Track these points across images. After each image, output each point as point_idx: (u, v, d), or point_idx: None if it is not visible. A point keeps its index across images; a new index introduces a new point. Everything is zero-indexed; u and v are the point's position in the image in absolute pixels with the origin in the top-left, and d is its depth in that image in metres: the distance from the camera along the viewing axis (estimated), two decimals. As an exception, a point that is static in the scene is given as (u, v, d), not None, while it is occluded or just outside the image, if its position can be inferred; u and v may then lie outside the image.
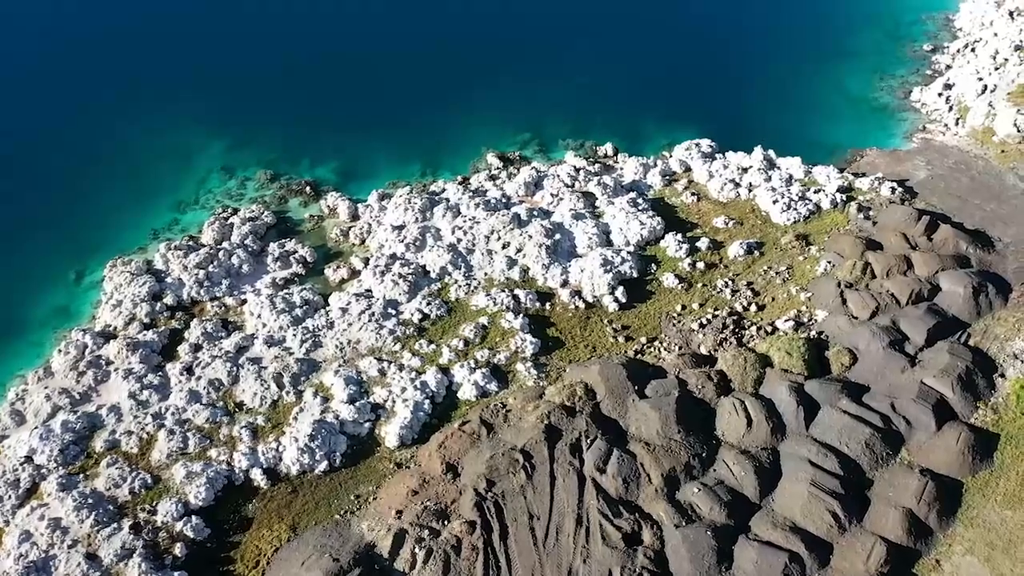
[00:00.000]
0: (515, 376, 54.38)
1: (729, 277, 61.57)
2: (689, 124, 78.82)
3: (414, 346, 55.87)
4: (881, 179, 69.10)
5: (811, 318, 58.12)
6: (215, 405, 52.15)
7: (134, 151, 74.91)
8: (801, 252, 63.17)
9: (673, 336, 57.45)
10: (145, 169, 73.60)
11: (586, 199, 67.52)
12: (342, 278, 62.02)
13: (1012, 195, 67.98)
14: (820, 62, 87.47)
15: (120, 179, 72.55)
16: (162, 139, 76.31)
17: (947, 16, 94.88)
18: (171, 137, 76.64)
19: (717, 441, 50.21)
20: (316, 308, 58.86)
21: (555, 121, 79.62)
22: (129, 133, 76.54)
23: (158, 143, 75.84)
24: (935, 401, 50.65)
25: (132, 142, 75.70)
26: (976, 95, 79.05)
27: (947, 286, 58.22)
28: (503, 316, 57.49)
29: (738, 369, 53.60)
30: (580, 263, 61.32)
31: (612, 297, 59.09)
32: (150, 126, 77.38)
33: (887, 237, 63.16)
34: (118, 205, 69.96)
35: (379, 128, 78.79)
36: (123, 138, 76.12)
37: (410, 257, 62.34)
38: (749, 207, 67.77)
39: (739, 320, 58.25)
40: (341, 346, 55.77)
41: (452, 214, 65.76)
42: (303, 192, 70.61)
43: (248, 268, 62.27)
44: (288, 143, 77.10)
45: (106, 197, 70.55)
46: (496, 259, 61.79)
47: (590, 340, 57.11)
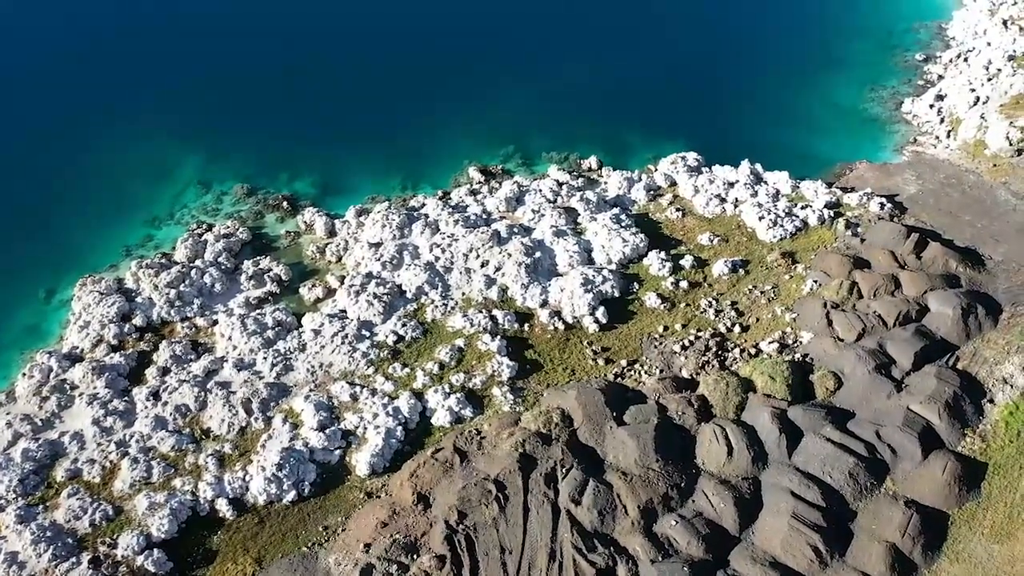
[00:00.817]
0: (491, 401, 52.94)
1: (713, 296, 60.12)
2: (676, 136, 77.39)
3: (388, 370, 54.41)
4: (870, 194, 67.64)
5: (796, 340, 56.70)
6: (181, 432, 50.68)
7: (109, 164, 73.47)
8: (787, 270, 61.73)
9: (654, 358, 56.00)
10: (120, 183, 72.23)
11: (568, 215, 66.07)
12: (317, 297, 60.56)
13: (1003, 211, 66.53)
14: (810, 72, 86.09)
15: (94, 193, 71.22)
16: (138, 152, 74.92)
17: (940, 25, 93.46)
18: (148, 150, 75.25)
19: (697, 470, 48.75)
20: (289, 329, 57.40)
21: (539, 133, 78.18)
22: (104, 146, 75.12)
23: (134, 156, 74.45)
24: (921, 428, 49.22)
25: (107, 155, 74.27)
26: (968, 107, 77.60)
27: (935, 307, 56.78)
28: (480, 338, 56.04)
29: (720, 394, 52.14)
30: (560, 282, 59.87)
31: (592, 318, 57.63)
32: (126, 139, 75.99)
33: (875, 255, 61.71)
34: (91, 220, 68.60)
35: (361, 140, 77.39)
36: (98, 151, 74.71)
37: (386, 276, 60.88)
38: (735, 223, 66.31)
39: (722, 342, 56.80)
40: (312, 370, 54.32)
41: (431, 231, 64.31)
42: (280, 207, 69.17)
43: (221, 287, 60.81)
44: (267, 155, 75.68)
45: (79, 212, 69.24)
46: (474, 278, 60.32)
47: (569, 363, 55.66)
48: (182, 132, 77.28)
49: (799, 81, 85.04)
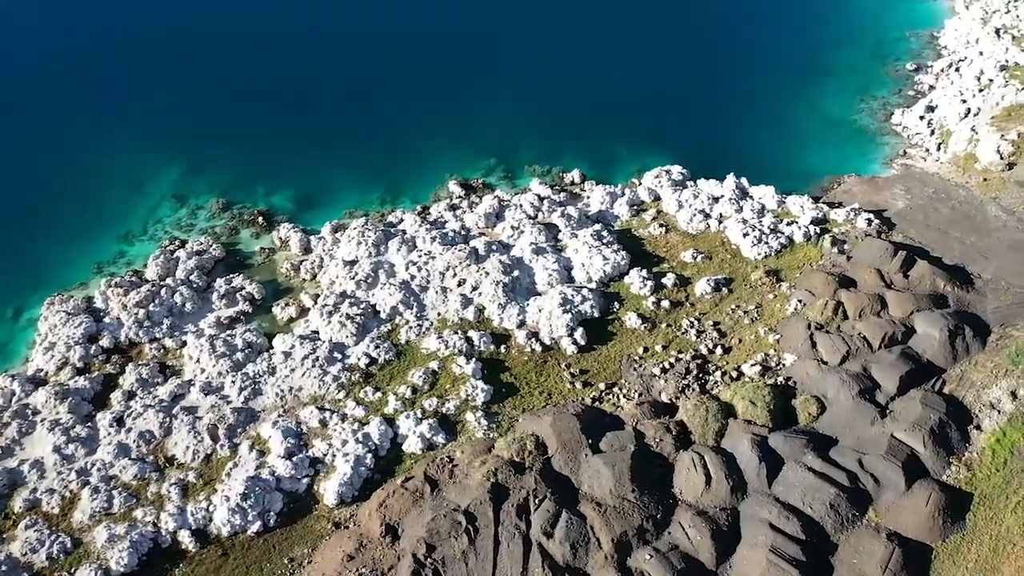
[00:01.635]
0: (464, 426, 51.53)
1: (695, 316, 58.72)
2: (662, 148, 76.07)
3: (359, 394, 53.00)
4: (857, 210, 66.23)
5: (779, 362, 55.29)
6: (144, 460, 49.27)
7: (83, 177, 72.26)
8: (771, 289, 60.33)
9: (633, 382, 54.59)
10: (94, 196, 70.96)
11: (548, 231, 64.68)
12: (290, 316, 59.19)
13: (993, 227, 65.12)
14: (800, 82, 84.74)
15: (67, 207, 69.89)
16: (113, 164, 73.66)
17: (932, 33, 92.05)
18: (123, 162, 73.98)
19: (674, 500, 47.33)
20: (259, 351, 55.99)
21: (523, 145, 76.85)
22: (78, 158, 73.92)
23: (109, 168, 73.21)
24: (905, 457, 47.78)
25: (81, 168, 73.07)
26: (959, 118, 76.20)
27: (922, 328, 55.36)
28: (455, 360, 54.63)
29: (699, 420, 50.72)
30: (539, 302, 58.46)
31: (571, 339, 56.23)
32: (101, 151, 74.81)
33: (861, 274, 60.31)
34: (63, 235, 67.25)
35: (342, 152, 76.04)
36: (72, 163, 73.47)
37: (361, 295, 59.47)
38: (719, 240, 64.90)
39: (703, 364, 55.38)
40: (282, 394, 52.92)
41: (407, 248, 62.91)
42: (255, 222, 67.79)
43: (192, 306, 59.40)
44: (245, 168, 74.34)
45: (51, 226, 67.93)
46: (450, 298, 58.92)
47: (546, 386, 54.25)
48: (159, 143, 75.95)
49: (788, 91, 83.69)
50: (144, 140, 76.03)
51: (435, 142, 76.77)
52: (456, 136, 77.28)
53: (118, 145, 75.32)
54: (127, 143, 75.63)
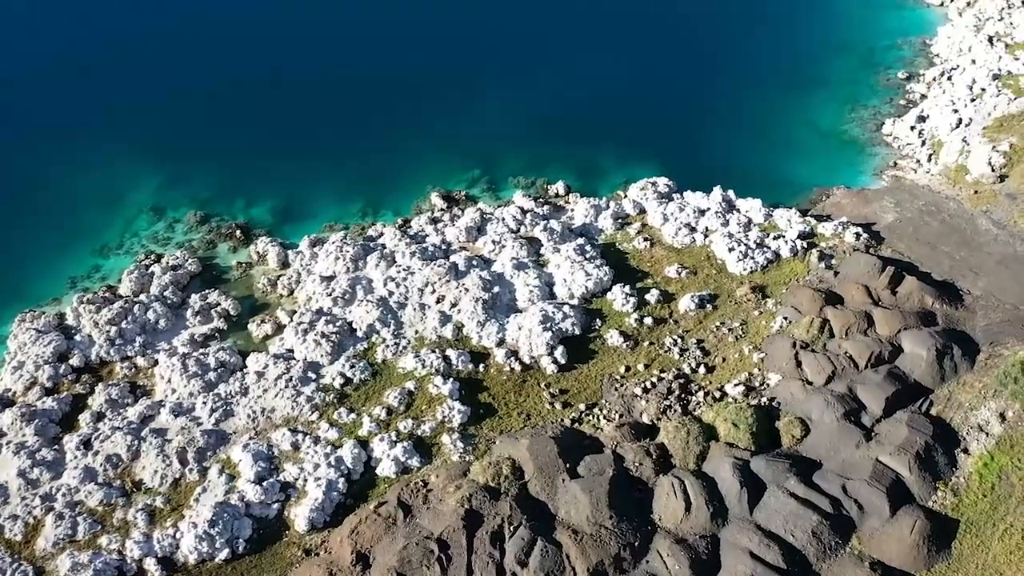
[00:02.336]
0: (440, 449, 50.33)
1: (678, 334, 57.53)
2: (649, 159, 74.89)
3: (333, 415, 51.80)
4: (845, 224, 65.05)
5: (763, 382, 54.12)
6: (111, 484, 48.07)
7: (59, 189, 71.05)
8: (756, 306, 59.15)
9: (614, 402, 53.40)
10: (70, 209, 69.81)
11: (531, 246, 63.51)
12: (266, 334, 58.00)
13: (984, 241, 63.93)
14: (789, 92, 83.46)
15: (43, 220, 68.68)
16: (91, 176, 72.44)
17: (924, 40, 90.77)
18: (101, 174, 72.76)
19: (653, 526, 46.17)
20: (233, 370, 54.79)
21: (508, 156, 75.60)
22: (55, 170, 72.69)
23: (86, 180, 72.01)
24: (890, 482, 46.63)
25: (58, 179, 71.89)
26: (950, 129, 75.00)
27: (909, 347, 54.20)
28: (432, 380, 53.43)
29: (680, 442, 49.54)
30: (519, 319, 57.27)
31: (551, 358, 55.03)
32: (79, 162, 73.60)
33: (848, 290, 59.13)
34: (38, 250, 66.09)
35: (324, 163, 74.87)
36: (48, 175, 72.33)
37: (337, 312, 58.28)
38: (704, 254, 63.71)
39: (686, 384, 54.21)
40: (254, 415, 51.72)
41: (386, 263, 61.72)
42: (233, 236, 66.59)
43: (165, 323, 58.22)
44: (226, 179, 73.17)
45: (25, 241, 66.74)
46: (429, 315, 57.72)
47: (525, 407, 53.07)
48: (139, 154, 74.75)
49: (777, 101, 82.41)
50: (124, 150, 74.83)
51: (419, 153, 75.59)
52: (440, 146, 76.09)
53: (97, 156, 74.11)
54: (106, 153, 74.42)
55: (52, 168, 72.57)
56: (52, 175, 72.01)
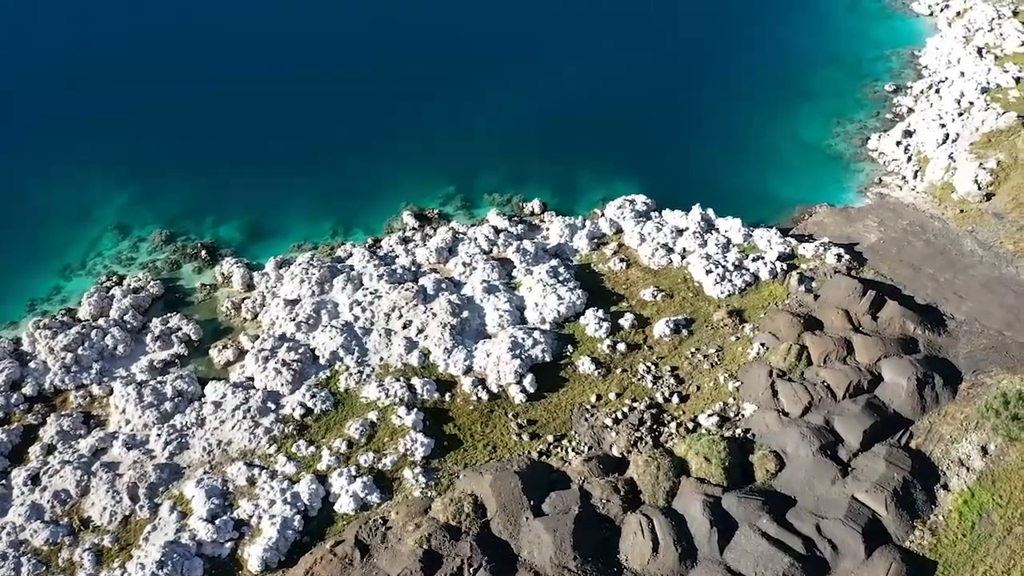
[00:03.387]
0: (401, 484, 48.52)
1: (652, 361, 55.76)
2: (629, 174, 73.23)
3: (291, 448, 50.00)
4: (827, 244, 63.29)
5: (738, 412, 52.37)
6: (58, 522, 46.27)
7: (20, 206, 69.22)
8: (734, 331, 57.39)
9: (584, 433, 51.62)
10: (32, 227, 67.95)
11: (503, 267, 61.76)
12: (228, 360, 56.21)
13: (969, 263, 62.19)
14: (774, 104, 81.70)
15: (2, 238, 66.71)
16: (54, 192, 70.71)
17: (913, 52, 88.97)
18: (65, 189, 71.03)
19: (619, 567, 44.41)
20: (191, 399, 53.01)
21: (484, 171, 73.80)
22: (15, 186, 70.88)
23: (49, 196, 70.24)
24: (866, 521, 44.88)
25: (19, 196, 70.04)
26: (937, 144, 73.25)
27: (889, 376, 52.48)
28: (395, 411, 51.63)
29: (650, 478, 47.76)
30: (487, 346, 55.50)
31: (519, 387, 53.26)
32: (42, 177, 71.87)
33: (828, 314, 57.38)
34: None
35: (296, 179, 73.10)
36: (8, 191, 70.42)
37: (300, 338, 56.49)
38: (681, 276, 61.95)
39: (658, 414, 52.43)
40: (209, 448, 49.92)
41: (353, 286, 59.94)
42: (198, 256, 64.82)
43: (124, 349, 56.44)
44: (194, 195, 71.42)
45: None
46: (395, 341, 55.94)
47: (491, 438, 51.28)
48: (107, 169, 73.09)
49: (762, 113, 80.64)
50: (91, 165, 73.14)
51: (394, 168, 73.86)
52: (416, 162, 74.35)
53: (63, 170, 72.40)
54: (72, 168, 72.70)
55: (14, 184, 70.82)
56: (14, 191, 70.24)
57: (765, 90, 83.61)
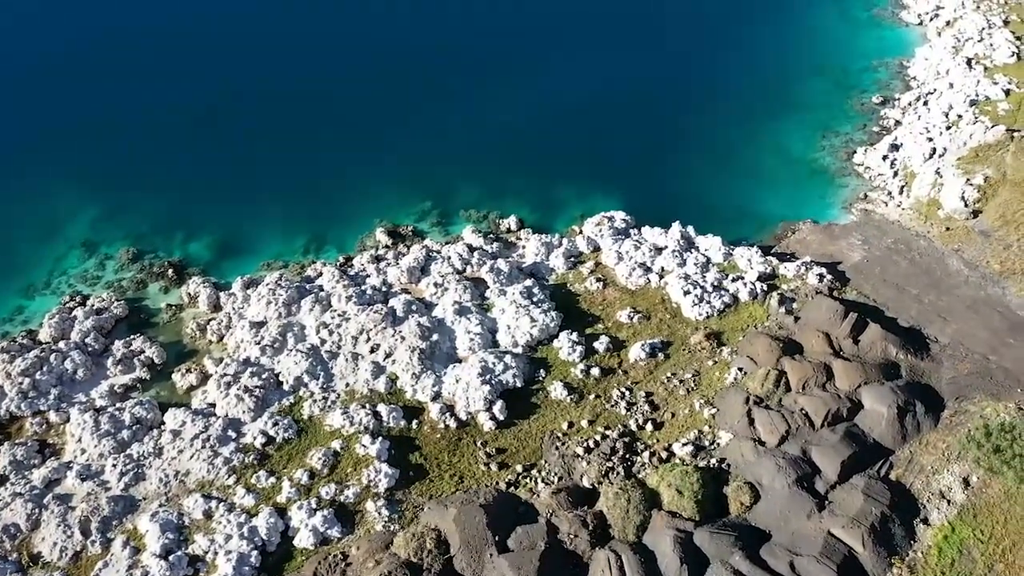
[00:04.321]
0: (363, 517, 46.94)
1: (627, 386, 54.19)
2: (610, 188, 71.79)
3: (251, 479, 48.40)
4: (809, 264, 61.70)
5: (714, 440, 50.81)
6: (7, 558, 44.70)
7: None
8: (711, 355, 55.83)
9: (554, 463, 50.04)
10: (1, 243, 66.31)
11: (476, 288, 60.19)
12: (191, 384, 54.64)
13: (954, 283, 60.64)
14: (760, 117, 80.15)
15: (-31, 256, 65.28)
16: (21, 207, 69.16)
17: (901, 62, 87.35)
18: (32, 205, 69.51)
19: (586, 607, 42.87)
20: (149, 427, 51.42)
21: (462, 186, 72.30)
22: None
23: (16, 212, 68.65)
24: (842, 559, 43.36)
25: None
26: (924, 159, 71.69)
27: (869, 404, 50.96)
28: (359, 440, 50.05)
29: (620, 511, 46.21)
30: (457, 371, 53.91)
31: (489, 414, 51.71)
32: (8, 192, 70.23)
33: (808, 338, 55.83)
34: (-39, 289, 62.70)
35: (269, 194, 71.60)
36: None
37: (265, 362, 54.92)
38: (659, 297, 60.38)
39: (631, 443, 50.86)
40: (166, 480, 48.32)
41: (321, 307, 58.37)
42: (164, 275, 63.26)
43: (84, 373, 54.87)
44: (164, 211, 69.95)
45: (-51, 279, 63.34)
46: (362, 366, 54.37)
47: (458, 468, 49.70)
48: (75, 183, 71.61)
49: (747, 126, 79.09)
50: (60, 180, 71.76)
51: (370, 183, 72.45)
52: (392, 176, 72.89)
53: (30, 185, 70.96)
54: (41, 183, 71.34)
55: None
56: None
57: (751, 101, 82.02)
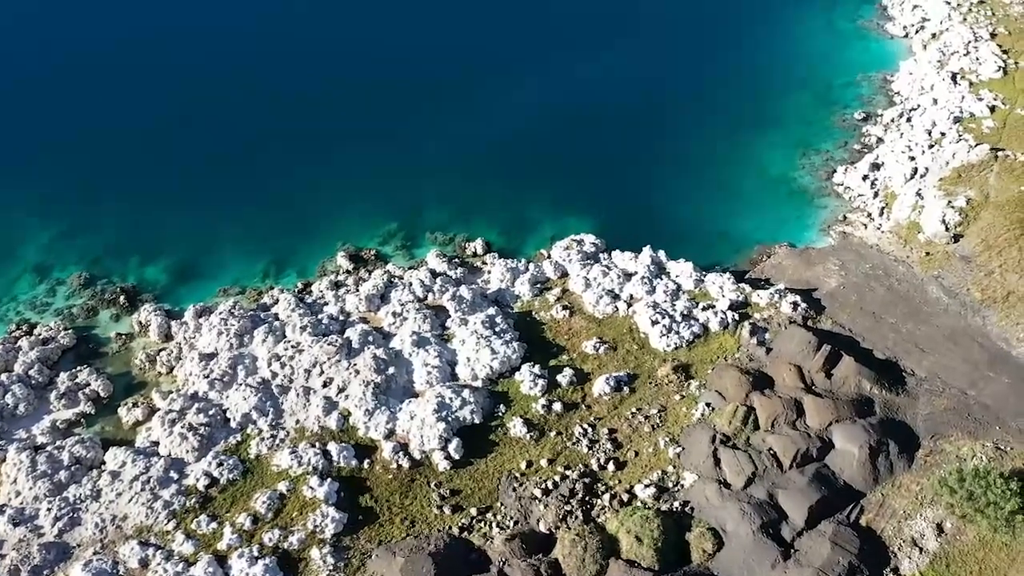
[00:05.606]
0: (307, 566, 44.73)
1: (589, 422, 52.04)
2: (582, 209, 69.69)
3: (191, 524, 46.21)
4: (783, 292, 59.53)
5: (678, 482, 48.65)
6: (-71, 611, 42.63)
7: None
8: (678, 389, 53.67)
9: (511, 506, 47.88)
10: (-50, 267, 64.26)
11: (436, 317, 58.04)
12: (136, 420, 52.52)
13: (933, 312, 58.50)
14: (739, 133, 77.83)
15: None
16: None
17: (885, 77, 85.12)
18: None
19: (536, 664, 40.71)
20: (89, 467, 49.27)
21: (429, 207, 70.11)
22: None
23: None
24: (806, 614, 41.24)
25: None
26: (905, 179, 69.54)
27: (840, 443, 48.86)
28: (307, 481, 47.86)
29: (576, 560, 44.08)
30: (412, 406, 51.73)
31: (444, 453, 49.53)
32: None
33: (780, 371, 53.68)
34: (-92, 317, 60.57)
35: (230, 213, 69.50)
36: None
37: (213, 397, 52.75)
38: (627, 326, 58.23)
39: (592, 484, 48.69)
40: (102, 525, 46.13)
41: (275, 338, 56.20)
42: (116, 302, 61.10)
43: (26, 408, 52.76)
44: (122, 232, 67.88)
45: None
46: (313, 401, 52.20)
47: (410, 511, 47.52)
48: (30, 204, 69.49)
49: (725, 143, 76.77)
50: (13, 200, 69.49)
51: (334, 203, 70.11)
52: (357, 197, 70.59)
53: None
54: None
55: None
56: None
57: (730, 117, 79.78)
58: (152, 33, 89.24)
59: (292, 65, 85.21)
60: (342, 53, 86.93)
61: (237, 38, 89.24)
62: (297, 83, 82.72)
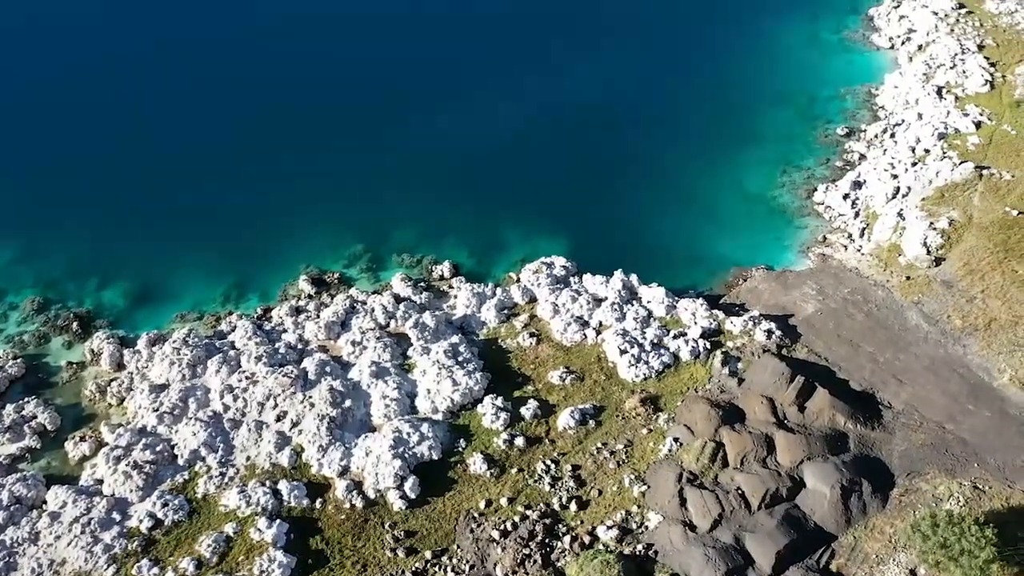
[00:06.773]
0: (252, 615, 42.84)
1: (553, 458, 50.06)
2: (555, 227, 68.06)
3: (132, 570, 44.20)
4: (757, 319, 57.56)
5: (642, 523, 46.69)
6: None
7: None
8: (646, 422, 51.73)
9: (467, 548, 45.92)
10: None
11: (398, 345, 56.11)
12: (83, 455, 50.53)
13: (913, 340, 56.54)
14: (718, 149, 75.91)
15: None
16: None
17: (869, 90, 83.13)
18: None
19: None
20: (30, 507, 47.29)
21: (398, 226, 68.32)
22: None
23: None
24: (770, 669, 39.28)
25: None
26: (886, 199, 67.61)
27: (812, 482, 46.93)
28: (255, 522, 45.88)
29: (532, 609, 42.15)
30: (368, 442, 49.77)
31: (399, 492, 47.56)
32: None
33: (751, 403, 51.73)
34: None
35: (192, 233, 67.56)
36: None
37: (162, 431, 50.76)
38: (595, 355, 56.28)
39: (553, 525, 46.73)
40: (39, 571, 44.13)
41: (229, 368, 54.23)
42: (69, 329, 59.11)
43: (-32, 443, 50.74)
44: (81, 253, 66.06)
45: None
46: (265, 436, 50.22)
47: (363, 554, 45.55)
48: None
49: (704, 159, 74.89)
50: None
51: (298, 224, 68.17)
52: (323, 217, 68.67)
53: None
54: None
55: None
56: None
57: (709, 132, 77.88)
58: (108, 55, 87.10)
59: (254, 84, 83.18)
60: (306, 72, 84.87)
61: (197, 57, 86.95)
62: (260, 101, 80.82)
